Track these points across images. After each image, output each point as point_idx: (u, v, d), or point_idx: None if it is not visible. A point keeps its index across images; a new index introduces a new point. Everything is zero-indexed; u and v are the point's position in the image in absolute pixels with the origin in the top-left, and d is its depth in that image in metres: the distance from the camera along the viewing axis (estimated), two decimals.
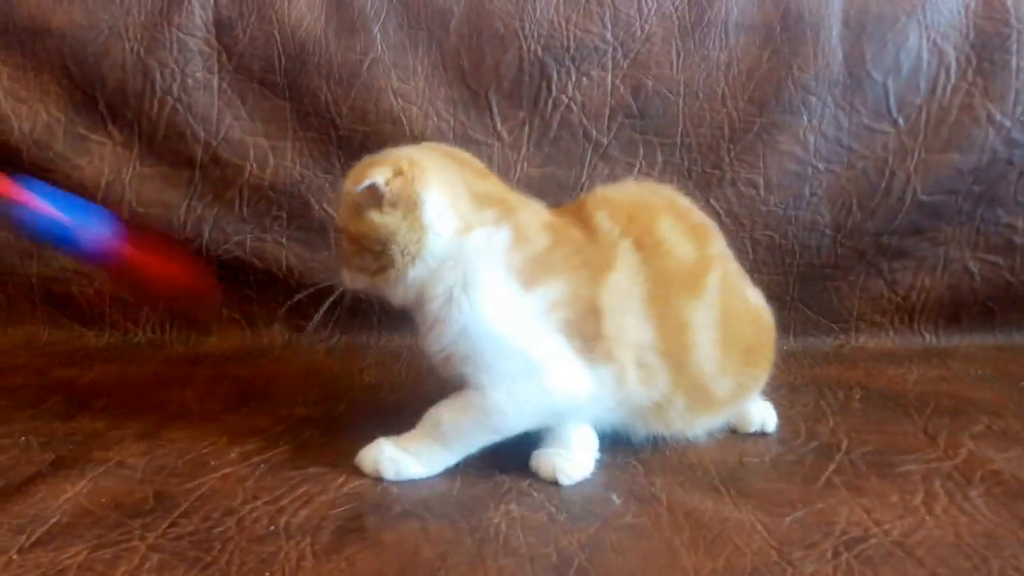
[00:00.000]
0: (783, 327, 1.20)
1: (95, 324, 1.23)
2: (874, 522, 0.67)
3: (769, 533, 0.65)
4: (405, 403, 0.95)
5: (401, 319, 1.20)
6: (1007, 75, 1.15)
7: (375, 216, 0.73)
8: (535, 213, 0.79)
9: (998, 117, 1.15)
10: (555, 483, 0.74)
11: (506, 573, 0.60)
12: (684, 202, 0.85)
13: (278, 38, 1.17)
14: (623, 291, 0.75)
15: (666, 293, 0.77)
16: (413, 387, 1.03)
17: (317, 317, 0.86)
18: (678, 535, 0.65)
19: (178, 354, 1.17)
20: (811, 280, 1.20)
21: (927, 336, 1.21)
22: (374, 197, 0.73)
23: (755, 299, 0.87)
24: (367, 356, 1.16)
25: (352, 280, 0.79)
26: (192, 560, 0.62)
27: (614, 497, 0.72)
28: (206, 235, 1.20)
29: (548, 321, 0.73)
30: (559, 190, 1.19)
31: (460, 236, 0.74)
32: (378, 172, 0.73)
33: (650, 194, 0.85)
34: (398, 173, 0.73)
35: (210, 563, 0.61)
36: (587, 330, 0.74)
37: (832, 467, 0.78)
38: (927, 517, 0.68)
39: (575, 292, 0.74)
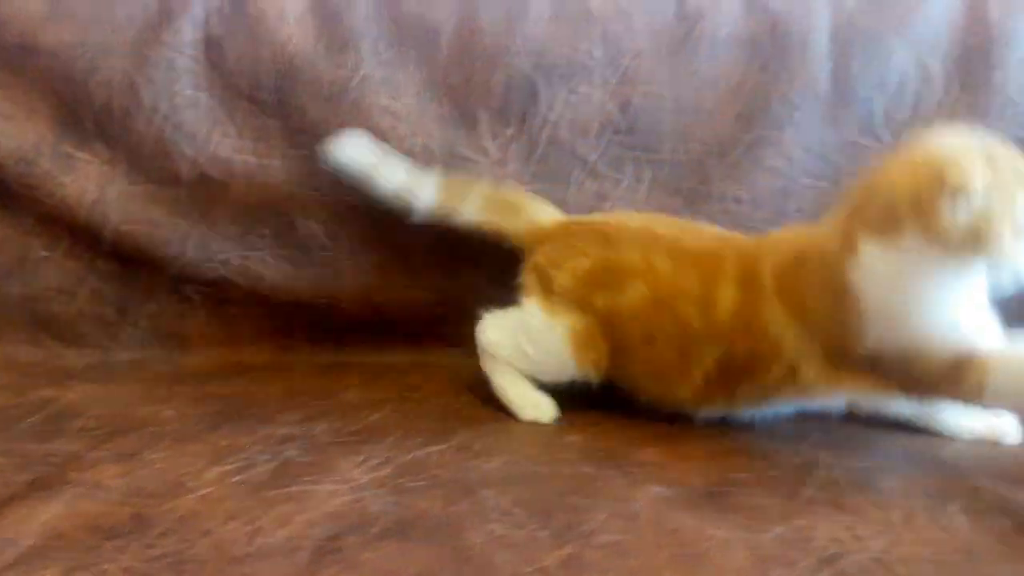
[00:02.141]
0: None
1: (75, 343, 1.22)
2: (854, 538, 0.66)
3: (750, 550, 0.65)
4: (387, 422, 0.96)
5: (390, 336, 1.23)
6: (990, 91, 1.15)
7: None
8: None
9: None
10: None
11: None
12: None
13: (267, 55, 1.17)
14: None
15: None
16: (396, 405, 1.02)
17: None
18: (660, 553, 0.65)
19: (160, 373, 1.16)
20: None
21: None
22: None
23: None
24: (351, 374, 1.15)
25: None
26: None
27: None
28: (190, 253, 1.20)
29: None
30: None
31: None
32: None
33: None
34: None
35: None
36: None
37: (814, 484, 0.77)
38: (905, 533, 0.67)
39: None
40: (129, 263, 1.22)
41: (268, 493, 0.76)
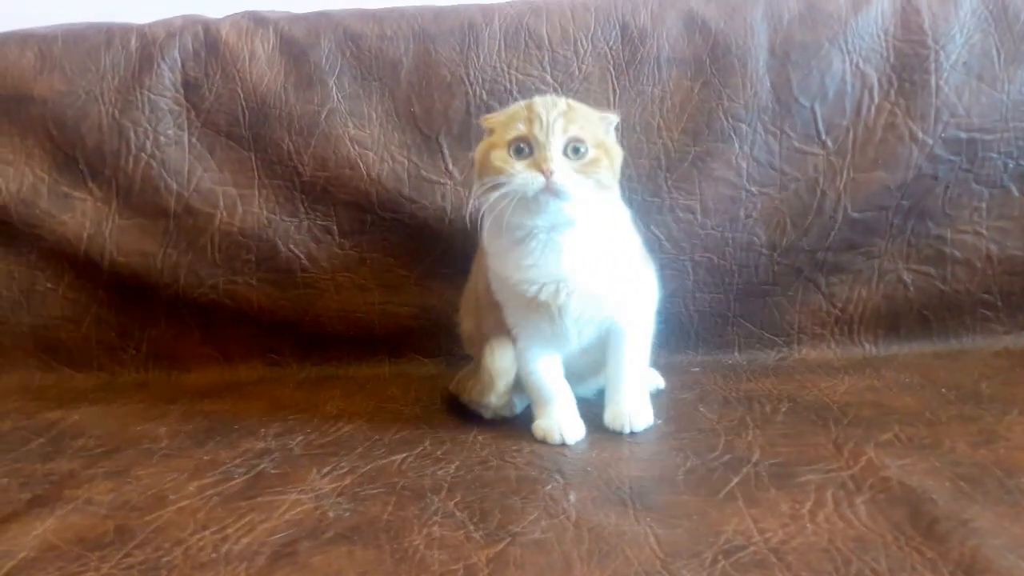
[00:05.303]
0: (727, 343, 1.28)
1: (83, 367, 1.33)
2: (758, 531, 0.73)
3: (659, 544, 0.72)
4: (359, 433, 1.04)
5: (372, 349, 1.31)
6: (927, 94, 1.21)
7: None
8: None
9: (920, 135, 1.21)
10: None
11: None
12: None
13: (241, 94, 1.26)
14: None
15: None
16: (371, 416, 1.10)
17: None
18: (577, 548, 0.72)
19: (159, 392, 1.26)
20: (751, 297, 1.26)
21: (867, 346, 1.27)
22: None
23: None
24: (334, 387, 1.23)
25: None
26: None
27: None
28: (182, 280, 1.29)
29: None
30: None
31: None
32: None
33: None
34: None
35: None
36: None
37: (736, 479, 0.84)
38: (808, 524, 0.74)
39: None
40: (128, 292, 1.32)
41: (239, 504, 0.85)
